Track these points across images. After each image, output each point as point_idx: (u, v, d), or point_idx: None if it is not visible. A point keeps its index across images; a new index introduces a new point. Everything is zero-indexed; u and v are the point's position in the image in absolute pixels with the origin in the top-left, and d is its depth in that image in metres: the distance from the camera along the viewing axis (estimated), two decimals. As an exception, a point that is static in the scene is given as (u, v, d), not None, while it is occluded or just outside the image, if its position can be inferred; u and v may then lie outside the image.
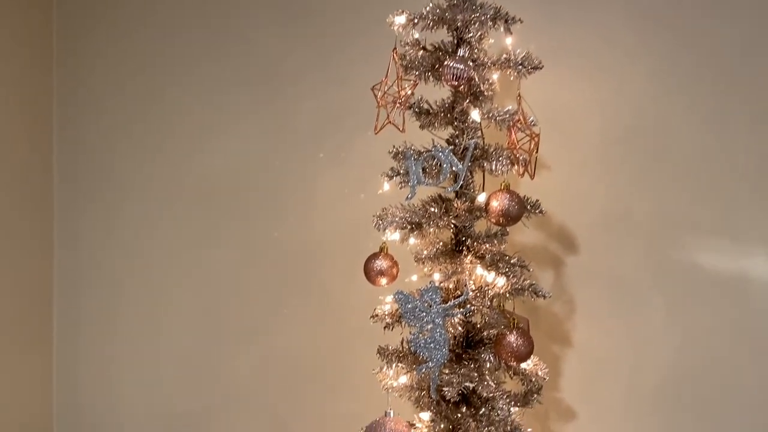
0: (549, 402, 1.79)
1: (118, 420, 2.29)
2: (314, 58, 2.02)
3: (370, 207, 1.46)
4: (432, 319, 1.32)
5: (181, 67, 2.19)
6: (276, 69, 2.07)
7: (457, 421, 1.45)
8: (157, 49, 2.23)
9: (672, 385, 1.69)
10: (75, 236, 2.33)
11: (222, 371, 2.14)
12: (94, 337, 2.30)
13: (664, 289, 1.69)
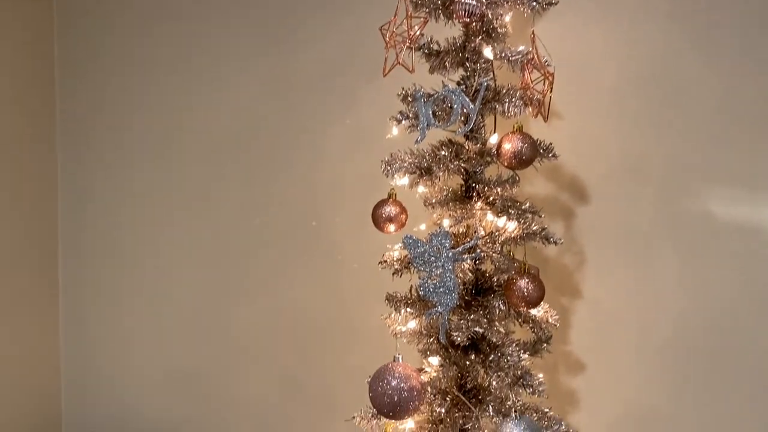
0: (558, 354, 1.78)
1: (125, 376, 2.29)
2: (316, 1, 1.97)
3: (378, 156, 1.43)
4: (441, 264, 1.30)
5: (179, 20, 2.15)
6: (276, 14, 2.02)
7: (466, 368, 1.44)
8: (155, 3, 2.18)
9: (682, 337, 1.67)
10: (78, 191, 2.31)
11: (229, 325, 2.13)
12: (100, 293, 2.30)
13: (676, 240, 1.66)
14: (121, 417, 2.31)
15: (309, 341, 2.04)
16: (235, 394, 2.15)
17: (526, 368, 1.33)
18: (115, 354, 2.30)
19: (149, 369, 2.26)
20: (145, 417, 2.27)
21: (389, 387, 1.30)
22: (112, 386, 2.31)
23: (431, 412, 1.42)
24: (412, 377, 1.32)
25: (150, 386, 2.26)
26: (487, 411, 1.39)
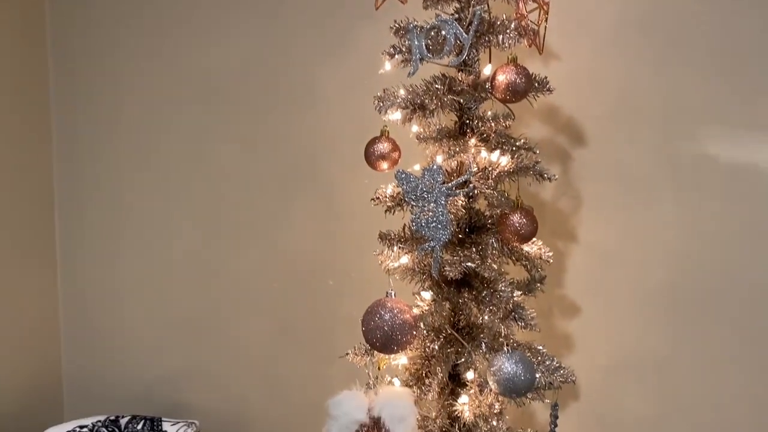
0: (553, 298, 1.78)
1: (123, 328, 2.31)
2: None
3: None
4: (434, 199, 1.29)
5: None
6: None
7: (459, 306, 1.44)
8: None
9: (678, 279, 1.66)
10: (73, 142, 2.30)
11: (226, 273, 2.14)
12: (97, 247, 2.30)
13: (674, 181, 1.64)
14: (120, 369, 2.34)
15: (305, 288, 2.05)
16: (233, 342, 2.17)
17: (519, 303, 1.33)
18: (113, 306, 2.31)
19: (147, 320, 2.28)
20: (145, 366, 2.30)
21: (382, 321, 1.31)
22: (111, 339, 2.33)
23: (424, 348, 1.43)
24: (404, 311, 1.32)
25: (148, 337, 2.28)
26: (480, 347, 1.40)
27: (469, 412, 1.38)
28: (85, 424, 2.05)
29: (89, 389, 2.38)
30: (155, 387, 2.30)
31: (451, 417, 1.47)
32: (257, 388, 2.16)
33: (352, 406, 1.39)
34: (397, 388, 1.43)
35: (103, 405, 2.25)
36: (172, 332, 2.25)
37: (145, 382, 2.30)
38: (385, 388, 1.41)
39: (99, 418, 2.08)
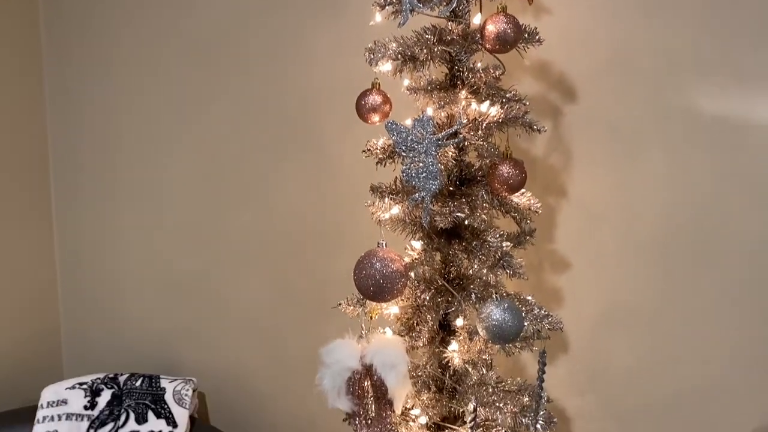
0: (543, 253, 1.81)
1: (121, 284, 2.34)
2: None
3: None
4: (424, 150, 1.30)
5: None
6: None
7: (450, 257, 1.47)
8: None
9: (667, 233, 1.68)
10: (68, 99, 2.30)
11: (223, 230, 2.16)
12: (93, 202, 2.32)
13: (664, 135, 1.66)
14: (119, 325, 2.37)
15: (301, 245, 2.07)
16: (230, 299, 2.20)
17: (507, 251, 1.35)
18: (110, 263, 2.34)
19: (145, 277, 2.30)
20: (143, 325, 2.33)
21: (373, 270, 1.33)
22: (110, 295, 2.36)
23: (415, 298, 1.45)
24: (395, 260, 1.35)
25: (147, 295, 2.31)
26: (470, 297, 1.42)
27: (459, 359, 1.41)
28: (85, 381, 2.09)
29: (87, 349, 2.42)
30: (152, 346, 2.33)
31: (441, 365, 1.51)
32: (253, 345, 2.20)
33: (345, 354, 1.42)
34: (388, 336, 1.46)
35: (101, 364, 2.29)
36: (168, 292, 2.28)
37: (143, 342, 2.34)
38: (377, 337, 1.44)
39: (98, 375, 2.11)
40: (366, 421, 1.46)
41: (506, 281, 1.52)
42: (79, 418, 2.00)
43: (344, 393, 1.43)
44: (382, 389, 1.42)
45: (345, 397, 1.43)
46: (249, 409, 2.24)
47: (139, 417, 2.01)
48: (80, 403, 2.02)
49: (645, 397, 1.78)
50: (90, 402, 2.03)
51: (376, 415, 1.45)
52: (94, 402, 2.04)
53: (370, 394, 1.44)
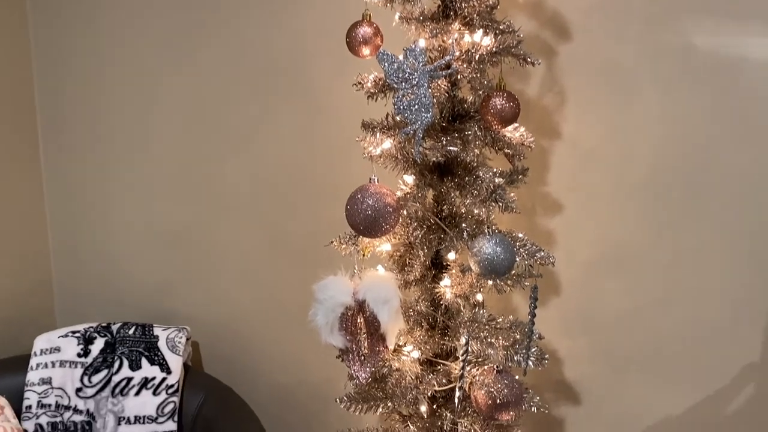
0: (536, 197, 1.80)
1: (113, 236, 2.33)
2: None
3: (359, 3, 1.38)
4: (416, 81, 1.28)
5: None
6: None
7: (442, 195, 1.46)
8: None
9: (660, 173, 1.68)
10: (53, 45, 2.25)
11: (215, 180, 2.14)
12: (83, 152, 2.29)
13: (658, 75, 1.64)
14: (111, 277, 2.36)
15: (293, 194, 2.06)
16: (222, 248, 2.19)
17: (499, 184, 1.34)
18: (102, 214, 2.32)
19: (137, 228, 2.29)
20: (135, 275, 2.33)
21: (365, 205, 1.32)
22: (102, 246, 2.35)
23: (407, 236, 1.45)
24: (387, 195, 1.34)
25: (138, 245, 2.30)
26: (462, 235, 1.42)
27: (451, 294, 1.41)
28: (77, 329, 2.09)
29: (80, 301, 2.42)
30: (145, 297, 2.33)
31: (433, 302, 1.51)
32: (246, 294, 2.20)
33: (338, 290, 1.42)
34: (380, 273, 1.46)
35: (94, 316, 2.29)
36: (160, 242, 2.27)
37: (135, 293, 2.34)
38: (370, 273, 1.44)
39: (91, 324, 2.12)
40: (359, 357, 1.46)
41: (499, 220, 1.52)
42: (72, 365, 2.01)
43: (337, 329, 1.44)
44: (374, 325, 1.42)
45: (338, 333, 1.44)
46: (243, 357, 2.25)
47: (132, 364, 2.01)
48: (73, 351, 2.03)
49: (636, 338, 1.79)
50: (83, 350, 2.04)
51: (369, 351, 1.46)
52: (88, 350, 2.04)
53: (363, 331, 1.44)
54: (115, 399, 1.98)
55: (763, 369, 1.70)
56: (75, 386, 1.99)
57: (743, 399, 1.72)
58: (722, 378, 1.73)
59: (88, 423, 1.98)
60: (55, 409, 1.96)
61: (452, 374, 1.49)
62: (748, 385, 1.72)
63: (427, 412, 1.54)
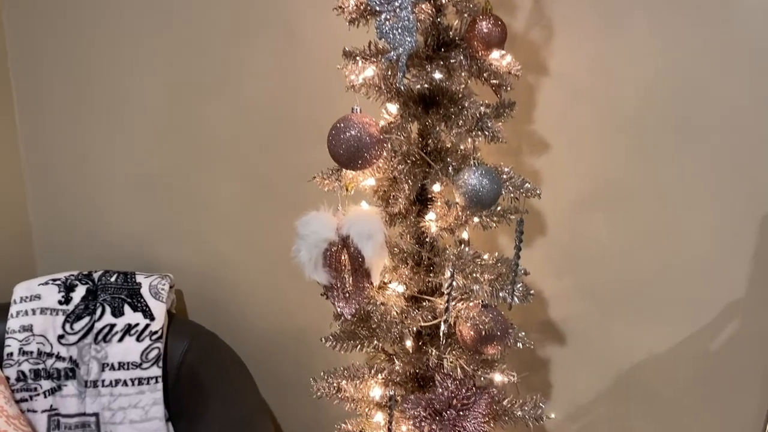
0: (523, 135, 1.77)
1: (92, 183, 2.27)
2: None
3: None
4: (400, 3, 1.24)
5: None
6: None
7: (426, 129, 1.42)
8: None
9: (649, 109, 1.66)
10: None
11: (194, 125, 2.09)
12: (59, 98, 2.22)
13: (648, 8, 1.60)
14: (91, 226, 2.32)
15: (275, 138, 2.02)
16: (204, 195, 2.15)
17: (486, 113, 1.31)
18: (79, 163, 2.26)
19: (116, 176, 2.24)
20: (115, 224, 2.28)
21: (348, 134, 1.29)
22: (81, 195, 2.30)
23: (392, 170, 1.42)
24: (371, 125, 1.30)
25: (118, 194, 2.25)
26: (447, 169, 1.39)
27: (436, 227, 1.39)
28: (58, 277, 2.06)
29: (60, 251, 2.38)
30: (126, 247, 2.29)
31: (418, 239, 1.49)
32: (229, 241, 2.17)
33: (321, 225, 1.40)
34: (364, 208, 1.43)
35: (74, 264, 2.25)
36: (141, 191, 2.22)
37: (116, 243, 2.30)
38: (353, 209, 1.41)
39: (71, 272, 2.08)
40: (343, 294, 1.45)
41: (485, 157, 1.48)
42: (53, 312, 1.98)
43: (321, 265, 1.41)
44: (358, 261, 1.40)
45: (322, 269, 1.41)
46: (228, 305, 2.23)
47: (115, 310, 1.99)
48: (54, 298, 1.99)
49: (622, 276, 1.79)
50: (64, 297, 2.01)
51: (353, 288, 1.44)
52: (69, 297, 2.01)
53: (347, 267, 1.42)
54: (98, 346, 1.96)
55: (748, 305, 1.70)
56: (57, 333, 1.96)
57: (727, 335, 1.74)
58: (707, 315, 1.74)
59: (72, 370, 1.96)
60: (37, 356, 1.94)
61: (437, 310, 1.48)
62: (733, 322, 1.73)
63: (413, 348, 1.53)
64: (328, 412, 2.15)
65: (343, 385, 1.54)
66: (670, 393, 1.84)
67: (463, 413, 1.47)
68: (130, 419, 1.94)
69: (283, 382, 2.24)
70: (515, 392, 1.60)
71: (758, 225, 1.63)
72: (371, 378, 1.53)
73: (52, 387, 1.94)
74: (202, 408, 1.95)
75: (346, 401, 1.62)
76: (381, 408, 1.61)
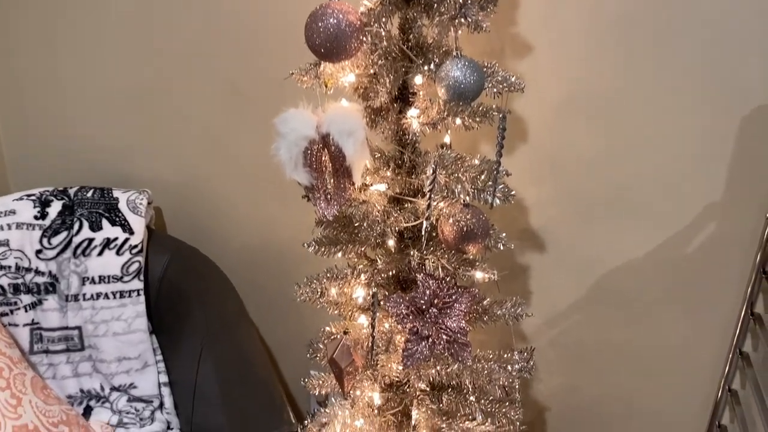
0: (506, 38, 1.73)
1: (63, 101, 2.20)
2: None
3: None
4: None
5: None
6: None
7: (408, 24, 1.38)
8: None
9: (636, 11, 1.62)
10: None
11: (167, 35, 2.01)
12: (25, 11, 2.12)
13: None
14: (65, 142, 2.26)
15: (251, 46, 1.95)
16: (181, 110, 2.10)
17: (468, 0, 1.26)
18: (51, 76, 2.18)
19: (88, 90, 2.17)
20: (89, 140, 2.23)
21: (327, 23, 1.24)
22: (53, 110, 2.23)
23: (372, 65, 1.38)
24: (350, 12, 1.26)
25: (91, 109, 2.19)
26: (429, 65, 1.36)
27: (417, 124, 1.37)
28: (32, 193, 2.02)
29: (33, 170, 2.32)
30: (102, 164, 2.25)
31: (400, 140, 1.47)
32: (207, 156, 2.13)
33: (300, 123, 1.36)
34: (345, 105, 1.40)
35: (48, 180, 2.20)
36: (114, 104, 2.16)
37: (91, 160, 2.25)
38: (333, 105, 1.38)
39: (46, 188, 2.04)
40: (325, 195, 1.43)
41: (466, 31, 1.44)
42: (30, 227, 1.95)
43: (301, 165, 1.39)
44: (339, 160, 1.38)
45: (302, 169, 1.39)
46: (208, 221, 2.22)
47: (93, 225, 1.96)
48: (30, 213, 1.96)
49: (602, 182, 1.80)
50: (40, 212, 1.97)
51: (334, 189, 1.42)
52: (45, 212, 1.97)
53: (328, 167, 1.40)
54: (78, 260, 1.94)
55: (724, 208, 1.73)
56: (34, 248, 1.94)
57: (704, 237, 1.77)
58: (684, 218, 1.77)
59: (51, 284, 1.95)
60: (15, 270, 1.92)
61: (419, 210, 1.48)
62: (710, 224, 1.75)
63: (395, 249, 1.53)
64: (311, 323, 2.17)
65: (326, 285, 1.54)
66: (648, 298, 1.88)
67: (445, 311, 1.49)
68: (113, 332, 1.95)
69: (266, 297, 2.25)
70: (496, 292, 1.62)
71: (737, 126, 1.63)
72: (354, 279, 1.54)
73: (33, 301, 1.93)
74: (184, 320, 1.96)
75: (329, 305, 1.63)
76: (365, 311, 1.63)
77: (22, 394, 1.70)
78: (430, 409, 1.59)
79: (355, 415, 1.62)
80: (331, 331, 1.65)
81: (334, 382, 1.71)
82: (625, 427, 2.09)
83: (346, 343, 1.56)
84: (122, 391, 1.97)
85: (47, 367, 1.96)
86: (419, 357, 1.48)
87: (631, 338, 1.95)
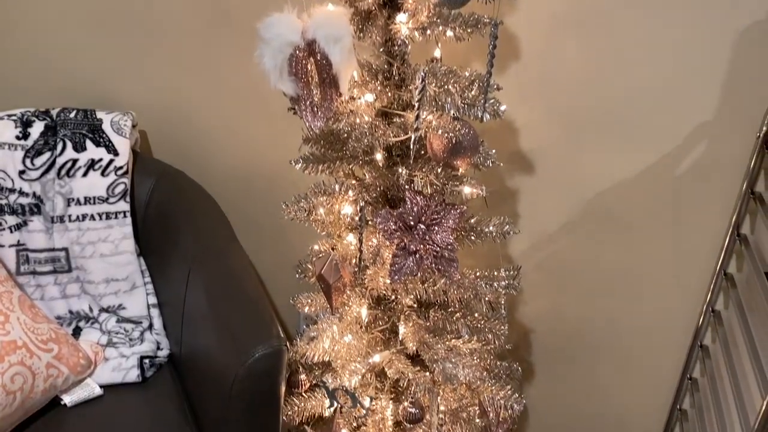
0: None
1: (35, 20, 2.12)
2: None
3: None
4: None
5: None
6: None
7: None
8: None
9: None
10: None
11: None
12: None
13: None
14: (43, 66, 2.19)
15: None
16: (161, 30, 2.02)
17: None
18: None
19: (65, 12, 2.09)
20: (67, 63, 2.16)
21: None
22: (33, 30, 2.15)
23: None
24: None
25: (69, 31, 2.11)
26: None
27: (407, 28, 1.33)
28: (13, 113, 1.97)
29: (12, 87, 2.25)
30: (83, 87, 2.18)
31: (389, 51, 1.43)
32: (191, 79, 2.08)
33: (285, 28, 1.32)
34: (331, 9, 1.36)
35: (28, 101, 2.14)
36: (91, 24, 2.09)
37: (71, 83, 2.18)
38: (319, 9, 1.33)
39: (27, 109, 1.99)
40: (311, 106, 1.40)
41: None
42: (12, 147, 1.91)
43: (287, 73, 1.35)
44: (326, 68, 1.34)
45: (288, 78, 1.36)
46: (193, 144, 2.18)
47: (76, 145, 1.93)
48: (11, 134, 1.92)
49: (593, 102, 1.78)
50: (22, 132, 1.93)
51: (321, 99, 1.39)
52: (27, 133, 1.93)
53: (314, 77, 1.37)
54: (62, 181, 1.91)
55: (716, 127, 1.71)
56: (17, 168, 1.90)
57: (695, 156, 1.76)
58: (676, 138, 1.76)
59: (36, 206, 1.92)
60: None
61: (408, 125, 1.45)
62: (701, 143, 1.74)
63: (383, 164, 1.52)
64: (300, 248, 2.17)
65: (314, 203, 1.53)
66: (636, 219, 1.89)
67: (433, 227, 1.49)
68: (100, 253, 1.94)
69: (255, 222, 2.24)
70: (484, 209, 1.62)
71: (731, 41, 1.60)
72: (342, 195, 1.52)
73: (18, 222, 1.91)
74: (172, 243, 1.95)
75: (317, 225, 1.63)
76: (353, 230, 1.62)
77: (9, 311, 1.70)
78: (417, 323, 1.60)
79: (344, 331, 1.63)
80: (319, 249, 1.65)
81: (322, 300, 1.72)
82: (610, 347, 2.13)
83: (334, 259, 1.56)
84: (111, 312, 1.97)
85: (35, 288, 1.95)
86: (407, 271, 1.48)
87: (617, 260, 1.96)
